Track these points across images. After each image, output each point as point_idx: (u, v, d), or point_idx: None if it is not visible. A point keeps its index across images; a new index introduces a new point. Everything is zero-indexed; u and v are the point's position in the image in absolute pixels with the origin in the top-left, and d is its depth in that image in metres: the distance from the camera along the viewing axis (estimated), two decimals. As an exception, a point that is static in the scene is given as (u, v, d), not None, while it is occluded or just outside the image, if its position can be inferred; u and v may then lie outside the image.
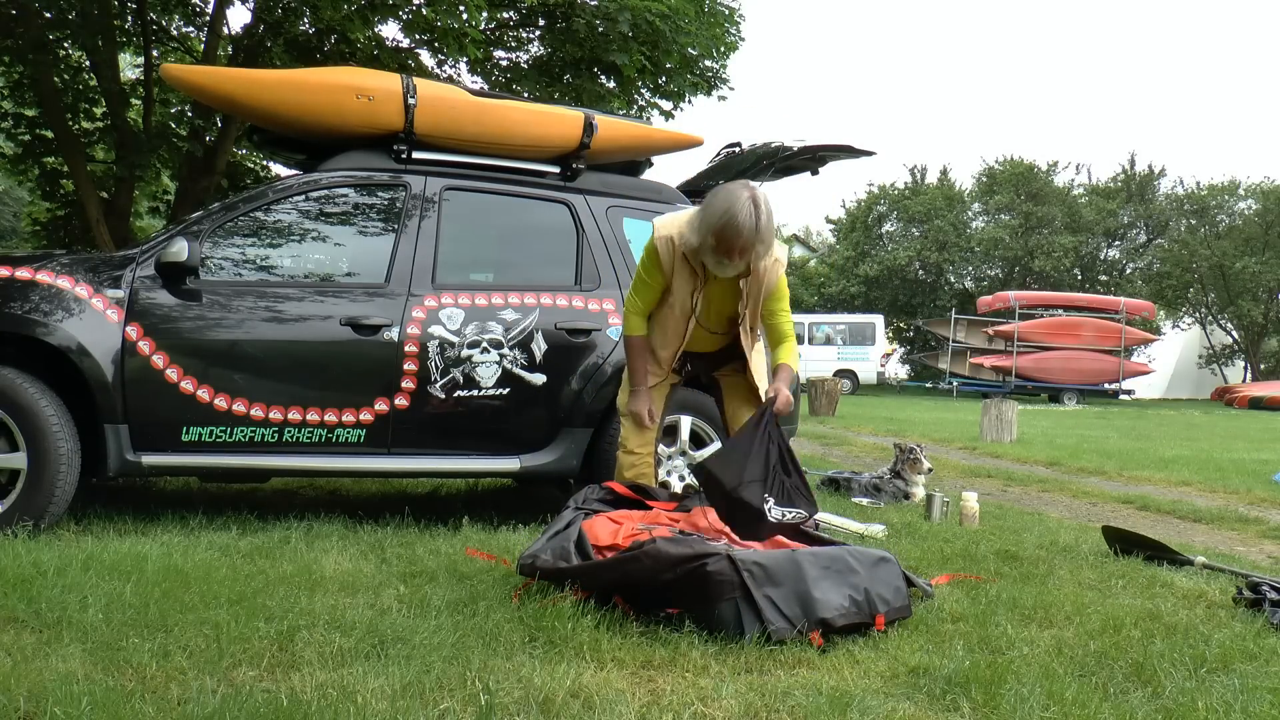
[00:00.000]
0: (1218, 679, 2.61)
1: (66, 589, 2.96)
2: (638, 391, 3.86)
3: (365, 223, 4.72)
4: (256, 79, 4.79)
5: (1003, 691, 2.42)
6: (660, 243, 3.70)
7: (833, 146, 5.23)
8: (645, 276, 3.79)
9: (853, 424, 13.92)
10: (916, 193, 35.80)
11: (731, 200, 3.45)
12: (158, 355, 4.13)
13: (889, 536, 4.69)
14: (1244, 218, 33.00)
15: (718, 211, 3.46)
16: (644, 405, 3.83)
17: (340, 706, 2.17)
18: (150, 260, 4.21)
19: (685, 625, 2.81)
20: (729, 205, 3.44)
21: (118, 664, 2.42)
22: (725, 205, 3.45)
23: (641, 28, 9.01)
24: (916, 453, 6.22)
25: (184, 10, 10.89)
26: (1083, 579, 3.85)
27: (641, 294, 3.83)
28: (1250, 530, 5.68)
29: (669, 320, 3.84)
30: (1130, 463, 9.01)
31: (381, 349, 4.39)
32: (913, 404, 22.06)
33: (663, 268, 3.72)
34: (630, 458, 3.90)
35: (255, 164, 11.95)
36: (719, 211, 3.46)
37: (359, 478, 5.45)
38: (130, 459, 4.11)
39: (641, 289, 3.82)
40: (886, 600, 2.98)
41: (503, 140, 4.80)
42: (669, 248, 3.69)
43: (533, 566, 3.13)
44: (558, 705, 2.27)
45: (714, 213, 3.47)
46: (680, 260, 3.69)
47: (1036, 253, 32.61)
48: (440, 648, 2.59)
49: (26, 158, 11.15)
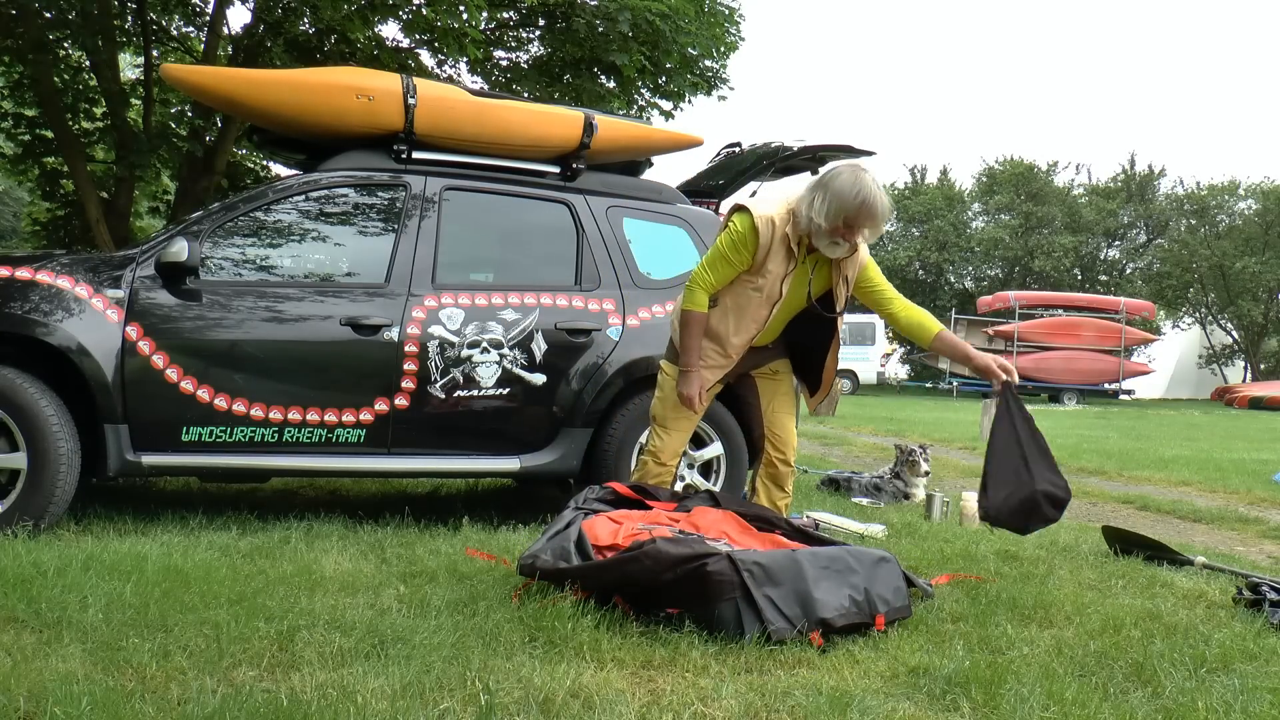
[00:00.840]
0: (1218, 679, 2.61)
1: (66, 589, 2.96)
2: (689, 373, 3.70)
3: (365, 223, 4.72)
4: (256, 79, 4.79)
5: (1003, 691, 2.42)
6: (762, 222, 3.58)
7: (833, 146, 5.24)
8: (731, 254, 3.63)
9: (853, 424, 13.92)
10: (916, 193, 35.81)
11: (860, 181, 3.46)
12: (158, 355, 4.13)
13: (889, 536, 4.69)
14: (1244, 218, 33.02)
15: (849, 194, 3.45)
16: (696, 388, 3.69)
17: (340, 706, 2.17)
18: (150, 260, 4.21)
19: (685, 625, 2.81)
20: (860, 188, 3.45)
21: (118, 664, 2.42)
22: (856, 188, 3.45)
23: (641, 28, 9.01)
24: (916, 455, 6.22)
25: (184, 10, 10.88)
26: (1083, 579, 3.85)
27: (718, 271, 3.67)
28: (1250, 530, 5.68)
29: (749, 305, 3.70)
30: (1130, 463, 9.01)
31: (381, 349, 4.39)
32: (913, 404, 22.06)
33: (758, 249, 3.60)
34: (660, 468, 3.83)
35: (255, 164, 11.94)
36: (851, 193, 3.45)
37: (359, 478, 5.45)
38: (130, 459, 4.11)
39: (721, 266, 3.66)
40: (886, 600, 2.98)
41: (503, 140, 4.79)
42: (770, 228, 3.59)
43: (533, 567, 3.13)
44: (558, 705, 2.27)
45: (845, 196, 3.45)
46: (780, 243, 3.61)
47: (1036, 253, 32.62)
48: (440, 648, 2.59)
49: (26, 158, 11.14)
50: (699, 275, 3.71)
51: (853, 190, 3.45)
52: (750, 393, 4.00)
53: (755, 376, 3.98)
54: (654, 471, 3.85)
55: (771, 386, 3.98)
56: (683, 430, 3.86)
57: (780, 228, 3.60)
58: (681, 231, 5.04)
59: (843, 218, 3.48)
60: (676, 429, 3.85)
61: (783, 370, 3.99)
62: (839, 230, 3.51)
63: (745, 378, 3.97)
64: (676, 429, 3.85)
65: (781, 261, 3.64)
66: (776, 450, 3.95)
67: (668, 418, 3.84)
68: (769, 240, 3.60)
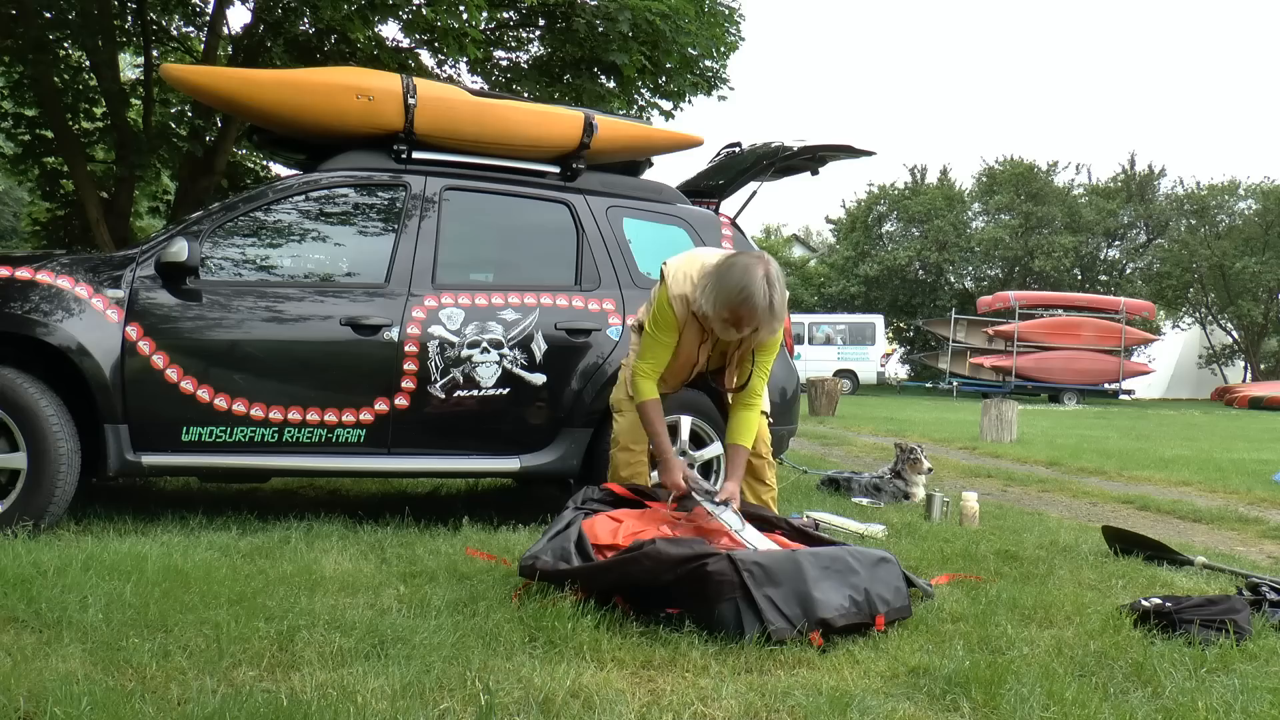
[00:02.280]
0: (1218, 679, 2.61)
1: (66, 589, 2.96)
2: (668, 463, 3.66)
3: (365, 223, 4.72)
4: (256, 79, 4.79)
5: (1003, 691, 2.42)
6: (676, 303, 3.65)
7: (833, 146, 5.24)
8: (661, 336, 3.72)
9: (853, 424, 13.92)
10: (916, 193, 35.79)
11: (748, 278, 3.41)
12: (158, 355, 4.13)
13: (889, 536, 4.69)
14: (1244, 218, 32.99)
15: (734, 288, 3.42)
16: (678, 473, 3.63)
17: (340, 706, 2.17)
18: (150, 260, 4.21)
19: (685, 625, 2.81)
20: (745, 284, 3.41)
21: (118, 664, 2.42)
22: (742, 283, 3.41)
23: (641, 28, 9.01)
24: (917, 453, 6.22)
25: (184, 10, 10.89)
26: (1083, 579, 3.85)
27: (656, 356, 3.74)
28: (1250, 530, 5.68)
29: (675, 364, 3.82)
30: (1130, 463, 9.01)
31: (381, 349, 4.39)
32: (913, 404, 22.06)
33: (677, 324, 3.69)
34: (626, 455, 3.87)
35: (255, 164, 11.95)
36: (735, 288, 3.41)
37: (359, 478, 5.45)
38: (130, 459, 4.10)
39: (656, 350, 3.74)
40: (886, 600, 2.99)
41: (502, 140, 4.79)
42: (684, 306, 3.65)
43: (533, 568, 3.13)
44: (558, 705, 2.27)
45: (730, 288, 3.42)
46: (691, 317, 3.68)
47: (1036, 253, 32.61)
48: (440, 648, 2.59)
49: (26, 158, 11.15)
50: (639, 367, 3.76)
51: (738, 285, 3.41)
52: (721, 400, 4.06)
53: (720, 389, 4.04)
54: (623, 460, 3.87)
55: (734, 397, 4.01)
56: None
57: (693, 305, 3.62)
58: (681, 231, 5.04)
59: (727, 310, 3.46)
60: (632, 410, 3.86)
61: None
62: (727, 320, 3.50)
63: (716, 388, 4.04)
64: (632, 410, 3.86)
65: (696, 332, 3.73)
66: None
67: (621, 402, 3.93)
68: (684, 315, 3.67)
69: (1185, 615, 3.02)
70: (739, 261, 3.50)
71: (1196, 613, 3.04)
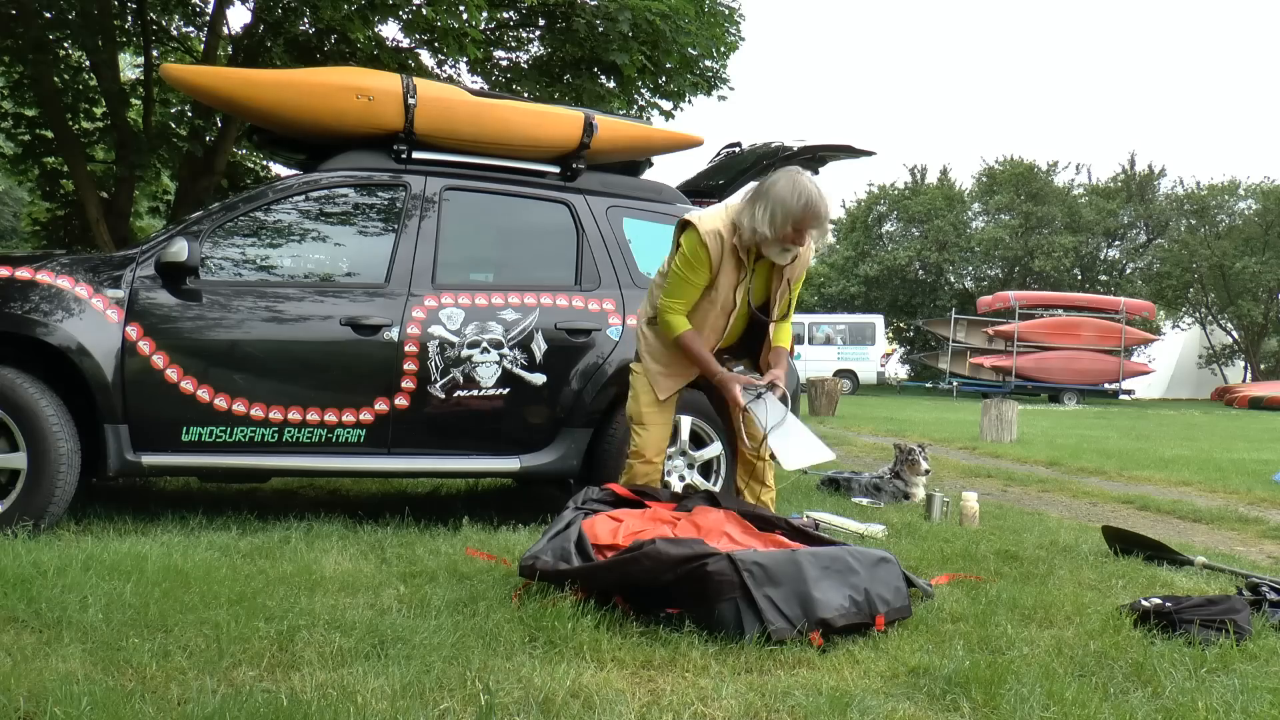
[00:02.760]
0: (1218, 679, 2.61)
1: (66, 589, 2.96)
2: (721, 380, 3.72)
3: (365, 223, 4.72)
4: (256, 79, 4.78)
5: (1003, 691, 2.42)
6: (710, 238, 3.61)
7: (833, 146, 5.23)
8: (689, 275, 3.68)
9: (853, 424, 13.92)
10: (916, 193, 35.81)
11: (799, 186, 3.48)
12: (158, 355, 4.13)
13: (889, 536, 4.69)
14: (1244, 218, 33.00)
15: (792, 198, 3.46)
16: (736, 388, 3.71)
17: (340, 706, 2.17)
18: (150, 260, 4.21)
19: (685, 625, 2.81)
20: (800, 190, 3.47)
21: (118, 664, 2.42)
22: (796, 191, 3.47)
23: (641, 27, 9.01)
24: (915, 454, 6.22)
25: (184, 10, 10.89)
26: (1083, 579, 3.85)
27: (683, 293, 3.72)
28: (1250, 530, 5.68)
29: (706, 316, 3.78)
30: (1130, 463, 9.01)
31: (381, 349, 4.39)
32: (913, 404, 22.06)
33: (711, 264, 3.65)
34: (647, 467, 3.87)
35: (255, 164, 11.95)
36: (793, 198, 3.46)
37: (359, 478, 5.45)
38: (130, 459, 4.10)
39: (683, 288, 3.72)
40: (886, 600, 2.98)
41: (502, 140, 4.79)
42: (718, 242, 3.62)
43: (533, 568, 3.13)
44: (558, 705, 2.27)
45: (787, 200, 3.47)
46: (729, 253, 3.64)
47: (1036, 253, 32.62)
48: (440, 648, 2.59)
49: (26, 158, 11.15)
50: (667, 304, 3.77)
51: (794, 194, 3.47)
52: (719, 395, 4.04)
53: None
54: (641, 471, 3.88)
55: None
56: (660, 424, 3.90)
57: (728, 239, 3.63)
58: (681, 231, 5.04)
59: (790, 224, 3.50)
60: (654, 423, 3.89)
61: (746, 370, 4.03)
62: (787, 237, 3.53)
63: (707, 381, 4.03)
64: (654, 423, 3.89)
65: (733, 271, 3.71)
66: (748, 447, 3.98)
67: (643, 414, 3.90)
68: (719, 253, 3.65)
69: (1185, 615, 3.02)
70: (780, 177, 3.53)
71: (1196, 613, 3.04)
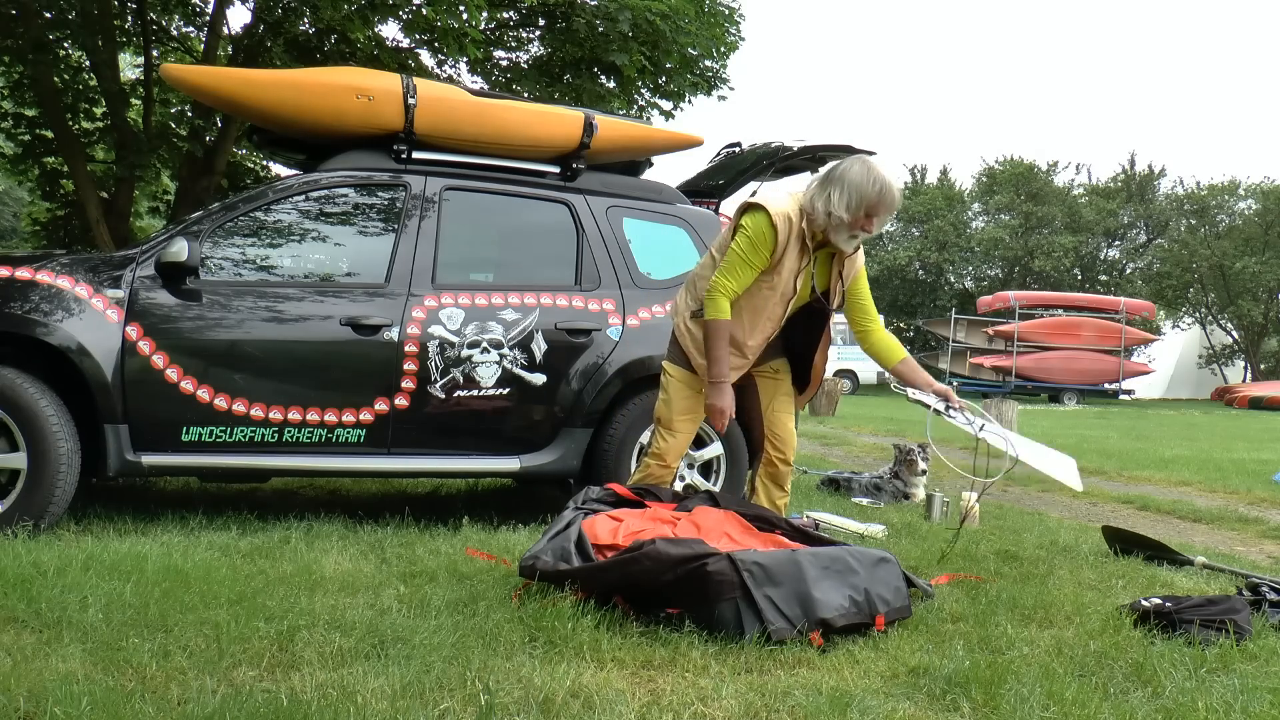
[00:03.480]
0: (1218, 679, 2.61)
1: (66, 589, 2.96)
2: (720, 385, 3.64)
3: (365, 223, 4.72)
4: (256, 79, 4.78)
5: (1003, 691, 2.42)
6: (779, 219, 3.55)
7: (833, 146, 5.23)
8: (751, 256, 3.59)
9: (853, 424, 13.92)
10: (916, 193, 35.80)
11: (873, 171, 3.51)
12: (158, 355, 4.13)
13: (889, 536, 4.69)
14: (1244, 218, 33.01)
15: (867, 184, 3.49)
16: (728, 400, 3.65)
17: (340, 706, 2.17)
18: (150, 260, 4.21)
19: (685, 625, 2.81)
20: (875, 175, 3.51)
21: (118, 664, 2.42)
22: (872, 177, 3.50)
23: (641, 28, 9.02)
24: (914, 454, 6.22)
25: (184, 10, 10.89)
26: (1083, 579, 3.85)
27: (740, 276, 3.61)
28: (1250, 530, 5.68)
29: (765, 305, 3.68)
30: (1130, 463, 9.01)
31: (381, 349, 4.39)
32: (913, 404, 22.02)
33: (776, 247, 3.58)
34: (665, 471, 3.82)
35: (255, 164, 11.95)
36: (869, 183, 3.49)
37: (359, 478, 5.44)
38: (130, 459, 4.10)
39: (742, 270, 3.60)
40: (886, 600, 2.98)
41: (502, 140, 4.79)
42: (788, 225, 3.57)
43: (533, 568, 3.13)
44: (558, 705, 2.27)
45: (863, 187, 3.49)
46: (795, 239, 3.60)
47: (1036, 253, 32.62)
48: (440, 648, 2.59)
49: (26, 158, 11.16)
50: (720, 283, 3.63)
51: (870, 180, 3.50)
52: (750, 392, 3.99)
53: (755, 376, 3.98)
54: (657, 474, 3.85)
55: (772, 386, 3.98)
56: (687, 432, 3.86)
57: (797, 224, 3.60)
58: (681, 231, 5.05)
59: (864, 208, 3.52)
60: (682, 431, 3.83)
61: (782, 370, 3.99)
62: (860, 222, 3.54)
63: (745, 377, 3.97)
64: (682, 431, 3.83)
65: (796, 258, 3.65)
66: (776, 450, 3.95)
67: (674, 420, 3.81)
68: (786, 237, 3.59)
69: (1185, 615, 3.02)
70: (853, 164, 3.56)
71: (1196, 613, 3.04)
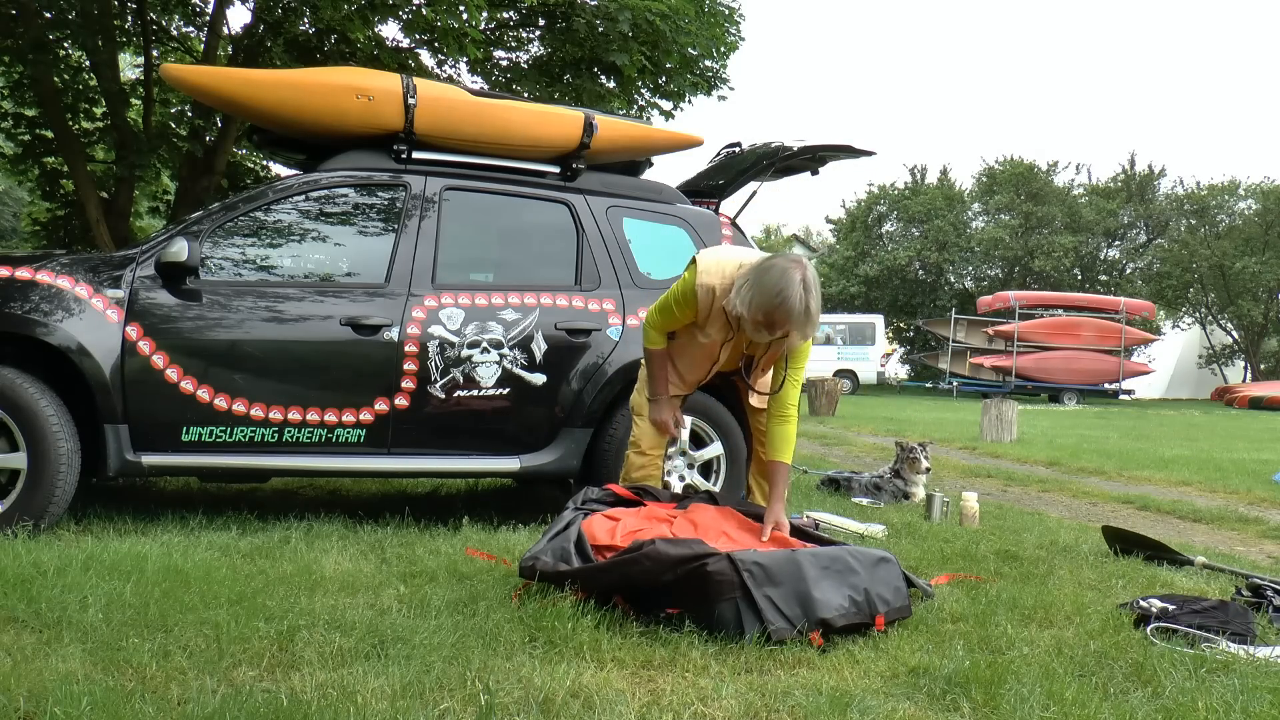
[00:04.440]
0: (1218, 679, 2.60)
1: (66, 589, 2.96)
2: (659, 401, 3.86)
3: (365, 223, 4.72)
4: (256, 79, 4.78)
5: (1003, 691, 2.42)
6: (701, 290, 3.61)
7: (833, 146, 5.23)
8: (675, 309, 3.73)
9: (853, 424, 13.92)
10: (916, 193, 35.79)
11: (785, 282, 3.36)
12: (158, 355, 4.13)
13: (889, 536, 4.69)
14: (1244, 218, 32.98)
15: (771, 291, 3.37)
16: (667, 414, 3.86)
17: (340, 706, 2.17)
18: (150, 260, 4.21)
19: (685, 625, 2.81)
20: (782, 287, 3.36)
21: (118, 664, 2.42)
22: (779, 286, 3.36)
23: (641, 28, 9.02)
24: (916, 452, 6.22)
25: (184, 10, 10.89)
26: (1083, 579, 3.85)
27: (665, 318, 3.79)
28: (1250, 530, 5.68)
29: (696, 352, 3.86)
30: (1130, 463, 9.01)
31: (381, 349, 4.39)
32: (913, 404, 22.06)
33: (698, 311, 3.68)
34: (642, 458, 3.93)
35: (255, 164, 11.96)
36: (772, 291, 3.36)
37: (359, 478, 5.45)
38: (130, 459, 4.10)
39: (667, 315, 3.77)
40: (886, 600, 2.98)
41: (502, 140, 4.79)
42: (709, 296, 3.61)
43: (533, 569, 3.13)
44: (558, 705, 2.27)
45: (767, 291, 3.37)
46: (718, 311, 3.63)
47: (1036, 253, 32.60)
48: (440, 648, 2.59)
49: (26, 158, 11.16)
50: (650, 316, 3.85)
51: (775, 289, 3.37)
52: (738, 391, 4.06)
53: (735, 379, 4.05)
54: (637, 463, 3.91)
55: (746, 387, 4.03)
56: None
57: (719, 299, 3.58)
58: (681, 231, 5.04)
59: (762, 314, 3.41)
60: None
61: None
62: (760, 322, 3.44)
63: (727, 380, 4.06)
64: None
65: (720, 328, 3.71)
66: (763, 446, 3.98)
67: (645, 406, 3.95)
68: (707, 307, 3.64)
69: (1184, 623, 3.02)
70: (777, 264, 3.44)
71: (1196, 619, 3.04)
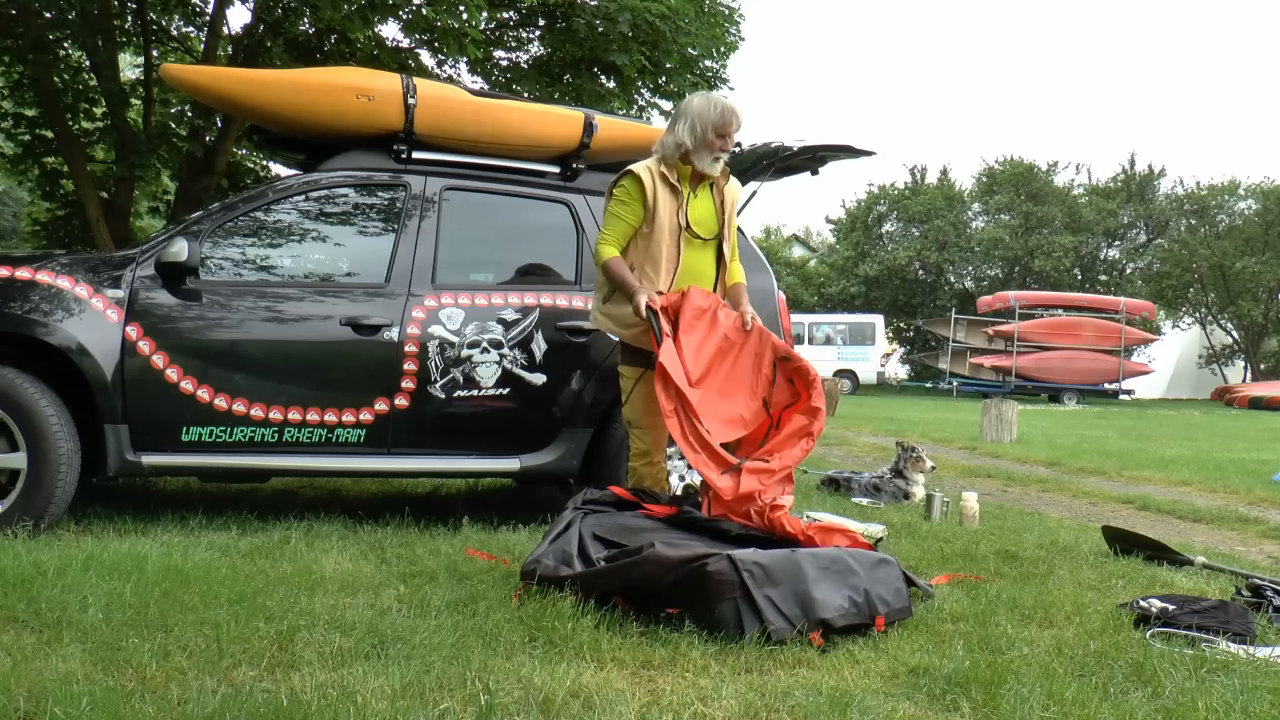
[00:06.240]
0: (1218, 679, 2.61)
1: (66, 589, 2.96)
2: (635, 292, 3.81)
3: (365, 223, 4.72)
4: (256, 79, 4.78)
5: (1003, 691, 2.42)
6: (641, 170, 3.93)
7: (833, 146, 5.23)
8: (621, 212, 3.94)
9: (853, 424, 13.91)
10: (916, 193, 35.79)
11: (707, 97, 3.98)
12: (158, 355, 4.13)
13: (889, 536, 4.69)
14: (1244, 218, 33.00)
15: (705, 107, 3.90)
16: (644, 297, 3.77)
17: (340, 706, 2.17)
18: (150, 260, 4.21)
19: (685, 625, 2.81)
20: (711, 99, 3.95)
21: (118, 664, 2.42)
22: (708, 100, 3.94)
23: (641, 28, 9.01)
24: (919, 451, 6.23)
25: (184, 10, 10.90)
26: (1083, 579, 3.85)
27: (615, 228, 3.96)
28: (1250, 530, 5.68)
29: (658, 249, 3.93)
30: (1130, 463, 9.01)
31: (381, 349, 4.39)
32: (913, 404, 22.06)
33: (645, 197, 3.90)
34: (652, 469, 3.94)
35: (255, 164, 11.95)
36: (706, 106, 3.91)
37: (359, 478, 5.44)
38: (130, 459, 4.10)
39: (615, 224, 3.96)
40: (886, 601, 2.99)
41: (503, 140, 4.79)
42: (649, 174, 3.92)
43: (534, 573, 3.13)
44: (558, 705, 2.27)
45: (703, 111, 3.89)
46: (660, 183, 3.93)
47: (1036, 253, 32.61)
48: (440, 648, 2.59)
49: (26, 158, 11.15)
50: (600, 239, 4.04)
51: (707, 103, 3.92)
52: None
53: None
54: (647, 474, 3.93)
55: None
56: (658, 426, 3.88)
57: (656, 170, 3.94)
58: (681, 231, 5.04)
59: (712, 127, 3.87)
60: (652, 426, 3.90)
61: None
62: (713, 144, 3.89)
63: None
64: (652, 426, 3.90)
65: (669, 198, 3.95)
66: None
67: (639, 418, 3.94)
68: (652, 185, 3.92)
69: (1185, 623, 3.02)
70: (690, 99, 4.02)
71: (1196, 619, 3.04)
